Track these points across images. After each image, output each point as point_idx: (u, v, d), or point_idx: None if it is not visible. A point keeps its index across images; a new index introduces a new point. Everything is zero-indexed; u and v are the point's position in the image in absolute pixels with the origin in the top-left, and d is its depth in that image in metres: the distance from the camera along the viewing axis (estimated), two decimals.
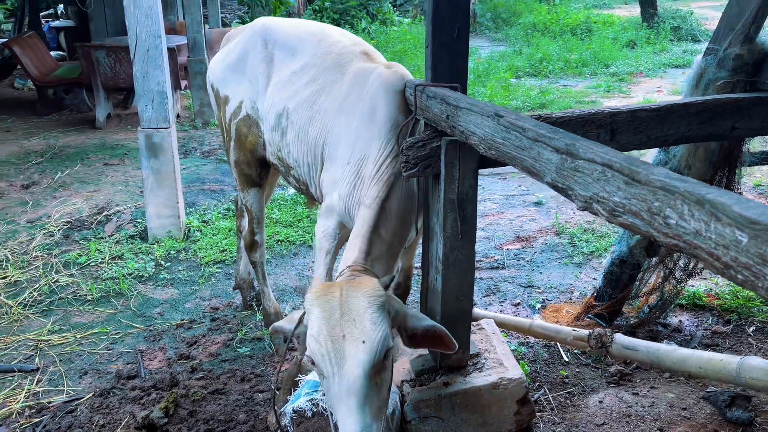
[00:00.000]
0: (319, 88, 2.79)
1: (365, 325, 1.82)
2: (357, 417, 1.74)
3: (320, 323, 1.85)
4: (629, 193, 1.24)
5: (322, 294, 1.92)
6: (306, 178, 2.88)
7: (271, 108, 2.94)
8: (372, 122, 2.50)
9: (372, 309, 1.86)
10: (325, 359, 1.81)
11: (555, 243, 4.89)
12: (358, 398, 1.76)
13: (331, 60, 2.82)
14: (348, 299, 1.88)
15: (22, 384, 3.28)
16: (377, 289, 1.92)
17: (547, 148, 1.52)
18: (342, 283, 1.98)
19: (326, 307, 1.88)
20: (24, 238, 5.09)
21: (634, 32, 15.22)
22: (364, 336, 1.80)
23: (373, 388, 1.81)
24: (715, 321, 3.67)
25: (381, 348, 1.82)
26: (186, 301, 4.17)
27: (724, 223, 1.01)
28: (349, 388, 1.77)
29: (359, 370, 1.78)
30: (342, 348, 1.80)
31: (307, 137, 2.76)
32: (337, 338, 1.82)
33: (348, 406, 1.76)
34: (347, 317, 1.84)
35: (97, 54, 8.42)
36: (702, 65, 2.86)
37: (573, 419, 2.85)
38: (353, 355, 1.79)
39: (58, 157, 7.35)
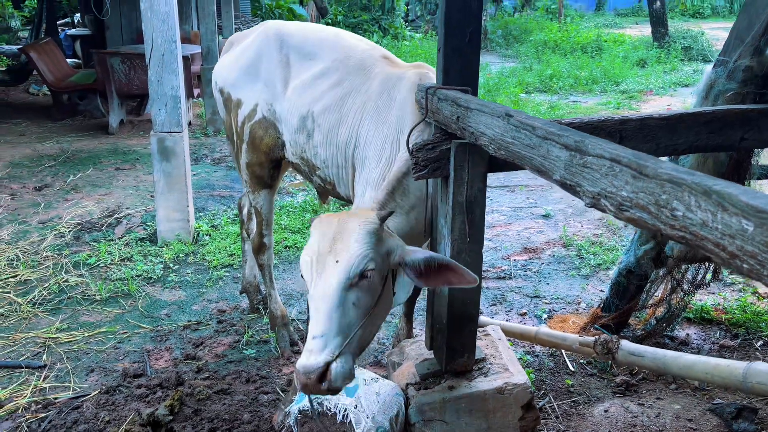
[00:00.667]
0: (345, 91, 2.86)
1: (349, 242, 1.98)
2: (322, 321, 1.89)
3: (313, 242, 2.05)
4: (637, 187, 1.25)
5: (324, 221, 2.11)
6: (334, 178, 2.94)
7: (293, 111, 3.00)
8: (401, 123, 2.58)
9: (360, 230, 2.01)
10: (310, 268, 1.99)
11: (562, 255, 4.89)
12: (328, 305, 1.91)
13: (354, 64, 2.89)
14: (342, 224, 2.05)
15: (29, 380, 3.30)
16: (372, 218, 2.07)
17: (557, 146, 1.53)
18: (343, 214, 2.15)
19: (322, 230, 2.06)
20: (35, 239, 5.14)
21: (644, 51, 15.29)
22: (344, 249, 1.97)
23: (346, 303, 1.95)
24: (722, 335, 3.65)
25: (357, 262, 1.95)
26: (193, 303, 4.19)
27: (731, 213, 1.02)
28: (323, 292, 1.93)
29: (334, 278, 1.93)
30: (325, 260, 1.98)
31: (336, 139, 2.83)
32: (324, 253, 1.99)
33: (317, 308, 1.92)
34: (337, 237, 2.01)
35: (112, 61, 8.54)
36: (712, 76, 2.88)
37: (577, 428, 2.84)
38: (332, 264, 1.96)
39: (70, 161, 7.43)
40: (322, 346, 1.87)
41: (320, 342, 1.87)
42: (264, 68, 3.15)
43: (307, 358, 1.86)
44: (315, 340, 1.88)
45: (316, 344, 1.87)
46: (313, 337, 1.88)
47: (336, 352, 1.89)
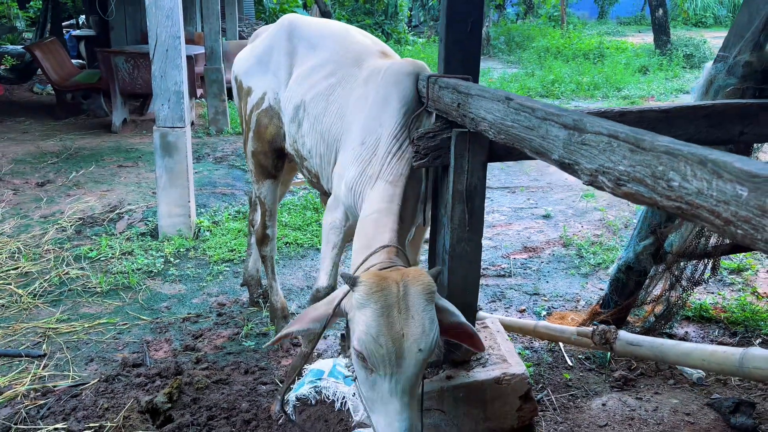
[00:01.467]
0: (336, 81, 2.84)
1: (425, 325, 1.79)
2: (408, 414, 1.78)
3: (380, 321, 1.77)
4: (634, 160, 1.26)
5: (379, 289, 1.80)
6: (318, 169, 2.91)
7: (290, 100, 3.01)
8: (386, 106, 2.51)
9: (430, 307, 1.83)
10: (384, 359, 1.76)
11: (562, 254, 4.90)
12: (411, 396, 1.80)
13: (351, 57, 2.88)
14: (406, 295, 1.81)
15: (28, 368, 3.31)
16: (431, 284, 1.86)
17: (555, 125, 1.55)
18: (396, 275, 1.87)
19: (384, 303, 1.79)
20: (37, 232, 5.16)
21: (646, 58, 15.34)
22: (423, 336, 1.78)
23: (419, 380, 1.85)
24: (721, 333, 3.66)
25: (435, 345, 1.81)
26: (193, 296, 4.20)
27: (726, 179, 1.03)
28: (404, 387, 1.78)
29: (417, 369, 1.78)
30: (401, 347, 1.76)
31: (320, 126, 2.81)
32: (397, 338, 1.77)
33: (402, 404, 1.77)
34: (406, 314, 1.79)
35: (117, 60, 8.59)
36: (712, 72, 2.90)
37: (575, 420, 2.84)
38: (413, 354, 1.77)
39: (73, 158, 7.46)
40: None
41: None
42: (274, 58, 3.18)
43: None
44: None
45: None
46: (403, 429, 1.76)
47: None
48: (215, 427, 2.76)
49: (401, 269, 1.93)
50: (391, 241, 2.10)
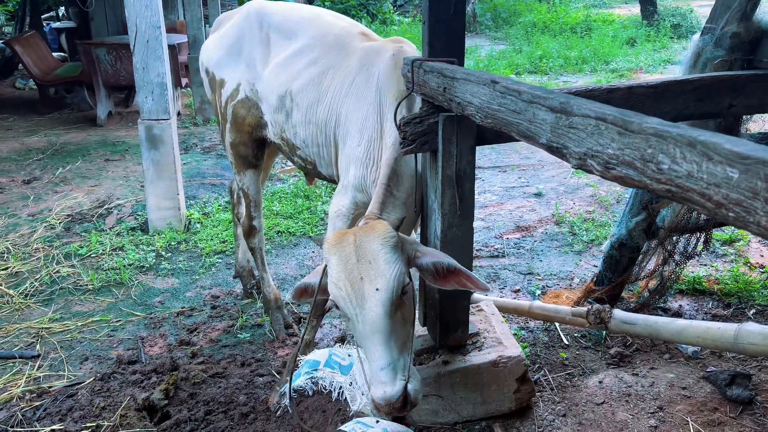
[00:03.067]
0: (322, 69, 2.82)
1: (380, 266, 1.92)
2: (383, 351, 1.89)
3: (338, 269, 1.96)
4: (622, 143, 1.24)
5: (337, 242, 2.01)
6: (315, 157, 2.91)
7: (273, 90, 2.97)
8: (382, 97, 2.55)
9: (385, 250, 1.95)
10: (347, 302, 1.93)
11: (555, 232, 4.90)
12: (383, 334, 1.89)
13: (332, 41, 2.86)
14: (362, 243, 1.97)
15: (23, 370, 3.28)
16: (388, 230, 2.00)
17: (542, 109, 1.52)
18: (355, 229, 2.06)
19: (342, 253, 1.97)
20: (25, 231, 5.11)
21: (634, 30, 15.25)
22: (379, 276, 1.91)
23: (395, 323, 1.93)
24: (715, 305, 3.67)
25: (397, 285, 1.92)
26: (186, 290, 4.18)
27: (716, 161, 1.01)
28: (372, 326, 1.90)
29: (379, 308, 1.90)
30: (361, 289, 1.91)
31: (315, 118, 2.80)
32: (356, 281, 1.92)
33: (373, 343, 1.90)
34: (363, 260, 1.94)
35: (98, 52, 8.46)
36: (699, 44, 2.87)
37: (573, 399, 2.85)
38: (372, 295, 1.90)
39: (59, 154, 7.37)
40: (393, 375, 1.88)
41: (389, 372, 1.88)
42: (246, 48, 3.13)
43: (383, 390, 1.87)
44: (383, 371, 1.88)
45: (386, 375, 1.88)
46: (381, 368, 1.88)
47: (406, 373, 1.92)
48: (213, 422, 2.75)
49: (363, 226, 2.09)
50: (370, 212, 2.27)
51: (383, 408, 1.89)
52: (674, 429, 2.62)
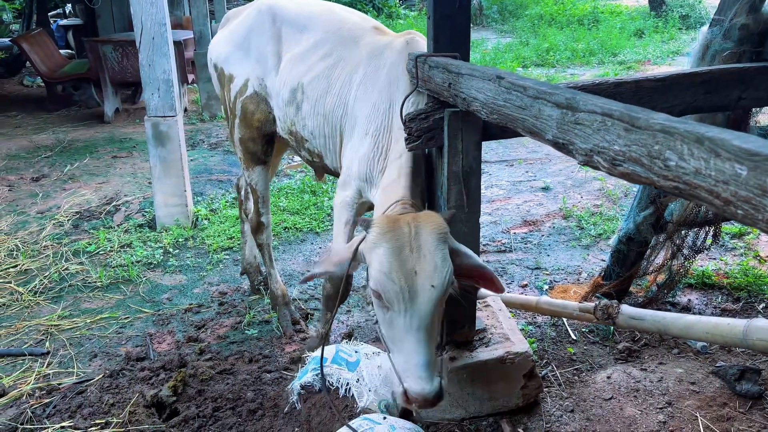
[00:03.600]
0: (334, 61, 2.83)
1: (437, 262, 1.86)
2: (425, 348, 1.85)
3: (391, 259, 1.86)
4: (629, 139, 1.23)
5: (390, 229, 1.92)
6: (322, 149, 2.91)
7: (285, 84, 2.98)
8: (391, 87, 2.54)
9: (441, 245, 1.90)
10: (398, 295, 1.84)
11: (562, 226, 4.88)
12: (427, 332, 1.86)
13: (345, 35, 2.87)
14: (418, 235, 1.89)
15: (32, 367, 3.31)
16: (443, 225, 1.94)
17: (548, 104, 1.51)
18: (408, 217, 1.97)
19: (396, 243, 1.88)
20: (34, 229, 5.14)
21: (641, 21, 15.13)
22: (436, 272, 1.85)
23: (436, 316, 1.90)
24: (724, 299, 3.64)
25: (449, 283, 1.88)
26: (194, 286, 4.19)
27: (724, 158, 1.00)
28: (420, 322, 1.85)
29: (431, 306, 1.85)
30: (414, 284, 1.84)
31: (323, 108, 2.80)
32: (410, 274, 1.85)
33: (417, 338, 1.85)
34: (418, 253, 1.87)
35: (105, 49, 8.47)
36: (708, 36, 2.84)
37: (581, 394, 2.84)
38: (425, 290, 1.84)
39: (67, 151, 7.40)
40: (431, 371, 1.86)
41: (428, 368, 1.86)
42: (255, 43, 3.13)
43: (422, 386, 1.84)
44: (422, 367, 1.85)
45: (425, 371, 1.85)
46: (420, 364, 1.85)
47: (438, 368, 1.92)
48: (221, 418, 2.76)
49: (414, 213, 2.02)
50: (404, 197, 2.23)
51: (418, 401, 1.85)
52: (683, 425, 2.61)
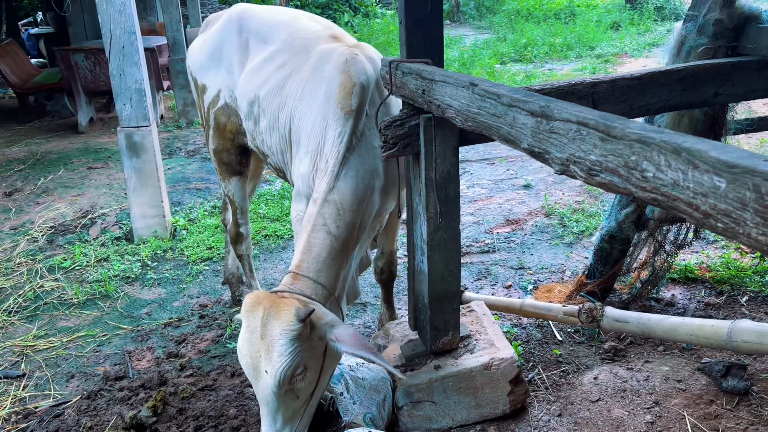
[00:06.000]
0: (287, 73, 2.74)
1: (273, 356, 1.97)
2: (268, 421, 2.06)
3: (244, 337, 2.05)
4: (605, 149, 1.19)
5: (250, 310, 2.06)
6: (281, 164, 2.83)
7: (244, 96, 2.90)
8: (327, 106, 2.43)
9: (283, 341, 1.97)
10: (247, 370, 2.07)
11: (545, 224, 4.86)
12: (270, 408, 2.04)
13: (299, 44, 2.77)
14: (267, 323, 2.00)
15: (7, 390, 3.21)
16: (290, 321, 1.98)
17: (522, 113, 1.47)
18: (268, 302, 2.05)
19: (251, 324, 2.04)
20: (7, 245, 5.02)
21: (617, 14, 15.22)
22: (271, 364, 1.97)
23: (285, 398, 2.03)
24: (707, 293, 3.64)
25: (285, 375, 1.97)
26: (174, 299, 4.11)
27: (702, 170, 0.96)
28: (262, 399, 2.05)
29: (268, 389, 2.00)
30: (258, 365, 2.01)
31: (278, 124, 2.72)
32: (255, 356, 2.01)
33: (263, 413, 2.07)
34: (265, 339, 2.00)
35: (76, 57, 8.32)
36: (682, 32, 2.82)
37: (568, 397, 2.81)
38: (264, 375, 2.00)
39: (40, 164, 7.26)
40: None
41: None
42: (226, 53, 3.06)
43: None
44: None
45: None
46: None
47: None
48: None
49: (278, 298, 2.07)
50: (298, 266, 2.23)
51: None
52: (670, 424, 2.59)
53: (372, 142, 2.42)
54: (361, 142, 2.38)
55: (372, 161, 2.40)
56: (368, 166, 2.38)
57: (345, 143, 2.33)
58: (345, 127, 2.35)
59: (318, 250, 2.22)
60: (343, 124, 2.36)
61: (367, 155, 2.38)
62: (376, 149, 2.42)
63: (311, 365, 2.06)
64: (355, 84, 2.39)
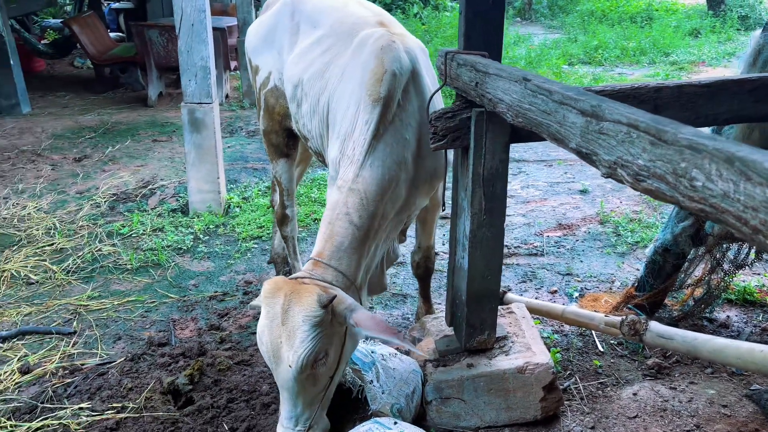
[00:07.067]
0: (330, 58, 2.72)
1: (295, 341, 1.98)
2: (289, 405, 2.09)
3: (264, 323, 2.05)
4: (654, 154, 1.13)
5: (271, 295, 2.06)
6: (321, 149, 2.83)
7: (289, 79, 2.92)
8: (360, 91, 2.40)
9: (305, 327, 1.97)
10: (267, 356, 2.07)
11: (598, 232, 4.72)
12: (290, 392, 2.06)
13: (345, 29, 2.75)
14: (288, 310, 2.00)
15: (58, 345, 3.37)
16: (312, 307, 1.98)
17: (573, 111, 1.42)
18: (289, 287, 2.05)
19: (271, 310, 2.04)
20: (72, 208, 5.25)
21: (698, 20, 14.57)
22: (293, 349, 1.98)
23: (305, 383, 2.05)
24: (765, 318, 3.46)
25: (307, 361, 1.99)
26: (221, 274, 4.21)
27: (755, 182, 0.90)
28: (282, 384, 2.07)
29: (288, 374, 2.02)
30: (279, 351, 2.02)
31: (318, 107, 2.72)
32: (276, 342, 2.02)
33: (282, 396, 2.11)
34: (286, 325, 2.00)
35: (150, 33, 8.60)
36: (760, 41, 2.67)
37: (603, 410, 2.73)
38: (285, 361, 2.01)
39: (110, 133, 7.55)
40: (294, 424, 2.09)
41: (290, 422, 2.10)
42: (278, 36, 3.10)
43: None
44: (287, 419, 2.10)
45: (289, 423, 2.10)
46: (285, 416, 2.10)
47: (308, 424, 2.12)
48: (234, 410, 2.75)
49: (299, 285, 2.07)
50: (320, 253, 2.21)
51: None
52: None
53: (403, 133, 2.37)
54: (390, 131, 2.33)
55: (400, 152, 2.35)
56: (396, 156, 2.33)
57: (372, 131, 2.30)
58: (372, 114, 2.31)
59: (340, 239, 2.20)
60: (371, 111, 2.32)
61: (395, 145, 2.33)
62: (406, 140, 2.37)
63: (331, 350, 2.07)
64: (386, 71, 2.35)
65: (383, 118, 2.32)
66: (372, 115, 2.31)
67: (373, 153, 2.30)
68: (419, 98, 2.43)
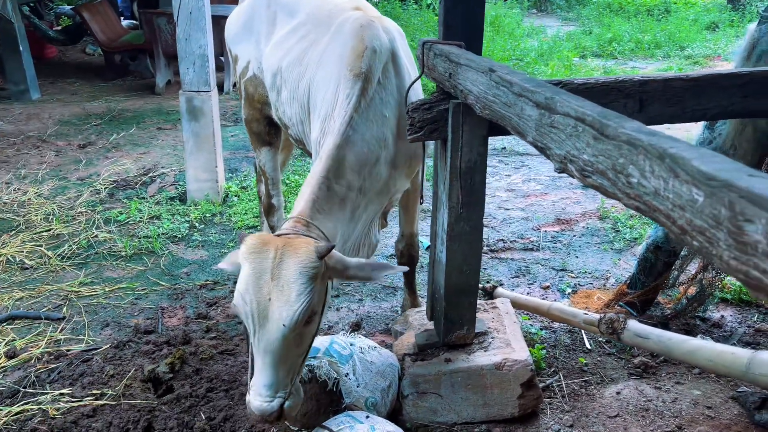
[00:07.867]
0: (308, 44, 2.73)
1: (291, 296, 1.82)
2: (270, 371, 1.88)
3: (249, 281, 1.85)
4: (597, 149, 1.09)
5: (257, 251, 1.88)
6: (302, 135, 2.82)
7: (268, 68, 2.92)
8: (339, 69, 2.38)
9: (301, 279, 1.83)
10: (249, 317, 1.85)
11: (597, 227, 4.65)
12: (274, 356, 1.86)
13: (322, 16, 2.76)
14: (281, 263, 1.84)
15: (45, 331, 3.39)
16: (311, 258, 1.86)
17: (529, 103, 1.38)
18: (279, 241, 1.90)
19: (258, 266, 1.85)
20: (72, 194, 5.28)
21: (717, 14, 14.28)
22: (286, 305, 1.82)
23: (290, 348, 1.89)
24: (760, 318, 3.39)
25: (302, 317, 1.84)
26: (214, 263, 4.20)
27: (682, 180, 0.86)
28: (266, 347, 1.86)
29: (278, 333, 1.83)
30: (266, 309, 1.83)
31: (297, 94, 2.72)
32: (263, 300, 1.83)
33: (264, 363, 1.88)
34: (276, 281, 1.83)
35: (159, 21, 8.61)
36: (755, 35, 2.59)
37: (584, 408, 2.69)
38: (276, 319, 1.82)
39: (116, 120, 7.59)
40: (273, 393, 1.89)
41: (270, 390, 1.89)
42: (256, 25, 3.10)
43: (260, 402, 1.88)
44: (265, 387, 1.89)
45: (266, 391, 1.89)
46: (264, 385, 1.89)
47: (288, 391, 1.94)
48: (213, 400, 2.75)
49: (289, 238, 1.93)
50: (301, 212, 2.10)
51: (256, 417, 1.92)
52: None
53: (382, 110, 2.36)
54: (370, 108, 2.32)
55: (380, 129, 2.34)
56: (375, 133, 2.32)
57: (353, 104, 2.28)
58: (354, 89, 2.29)
59: (320, 202, 2.14)
60: (352, 86, 2.30)
61: (375, 121, 2.32)
62: (386, 118, 2.36)
63: (318, 307, 1.95)
64: (366, 47, 2.34)
65: (364, 92, 2.31)
66: (353, 89, 2.30)
67: (353, 126, 2.27)
68: (398, 78, 2.44)
